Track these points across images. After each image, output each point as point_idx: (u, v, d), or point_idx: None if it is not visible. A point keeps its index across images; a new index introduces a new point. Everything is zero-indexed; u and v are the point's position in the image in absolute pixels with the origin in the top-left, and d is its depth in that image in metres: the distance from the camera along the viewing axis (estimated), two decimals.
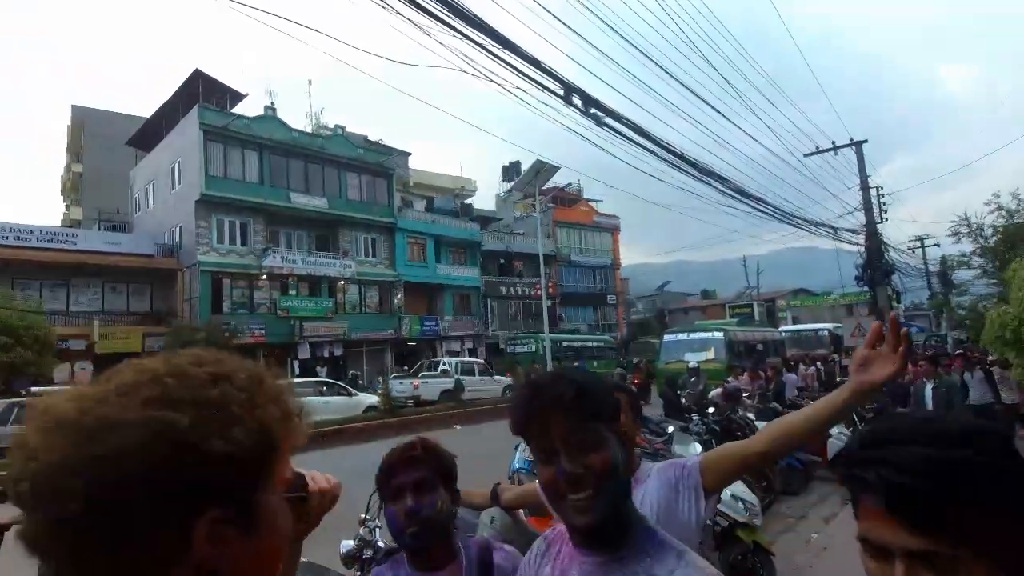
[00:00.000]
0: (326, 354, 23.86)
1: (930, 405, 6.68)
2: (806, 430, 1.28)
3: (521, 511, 5.02)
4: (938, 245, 32.76)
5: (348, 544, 2.12)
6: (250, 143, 22.94)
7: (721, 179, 9.86)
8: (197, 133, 21.44)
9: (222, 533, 0.49)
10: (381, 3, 4.96)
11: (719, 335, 17.36)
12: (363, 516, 2.32)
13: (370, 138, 31.47)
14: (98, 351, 19.24)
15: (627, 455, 0.95)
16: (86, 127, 33.65)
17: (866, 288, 21.30)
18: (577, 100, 5.84)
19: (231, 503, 0.50)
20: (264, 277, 22.86)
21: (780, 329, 25.73)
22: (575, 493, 0.88)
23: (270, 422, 0.53)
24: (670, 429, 6.91)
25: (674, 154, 7.81)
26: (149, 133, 25.47)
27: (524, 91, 5.56)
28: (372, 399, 15.65)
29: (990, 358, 9.87)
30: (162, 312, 21.69)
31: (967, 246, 20.68)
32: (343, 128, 28.46)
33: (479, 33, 5.27)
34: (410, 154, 34.05)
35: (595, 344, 29.63)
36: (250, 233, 22.90)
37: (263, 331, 22.02)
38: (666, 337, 19.26)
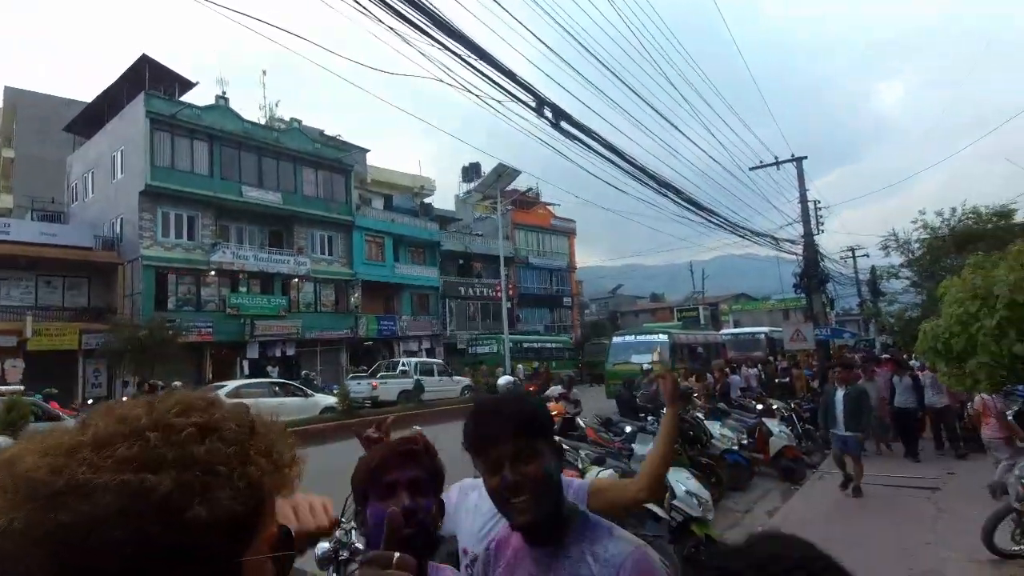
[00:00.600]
0: (278, 353, 23.21)
1: (840, 409, 7.18)
2: (663, 461, 1.69)
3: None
4: (867, 255, 35.31)
5: (324, 547, 2.15)
6: (200, 133, 22.03)
7: (677, 191, 10.35)
8: (143, 121, 20.42)
9: None
10: (362, 11, 5.01)
11: (664, 338, 18.08)
12: (338, 518, 2.34)
13: (327, 133, 30.81)
14: (30, 348, 18.07)
15: (559, 464, 1.14)
16: (18, 110, 31.34)
17: (803, 295, 22.74)
18: (548, 113, 6.07)
19: (213, 567, 0.46)
20: (213, 273, 22.02)
21: (721, 332, 26.91)
22: (516, 497, 1.06)
23: (260, 478, 0.49)
24: (628, 429, 7.24)
25: (636, 167, 8.18)
26: (89, 119, 24.00)
27: (499, 102, 5.73)
28: (329, 400, 15.37)
29: (915, 363, 10.79)
30: (101, 308, 20.52)
31: (896, 259, 22.29)
32: (299, 121, 27.74)
33: (459, 44, 5.39)
34: (368, 150, 33.52)
35: (553, 345, 30.16)
36: (198, 227, 21.99)
37: (210, 329, 21.22)
38: (615, 339, 19.86)
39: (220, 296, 22.26)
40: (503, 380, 8.33)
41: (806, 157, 20.94)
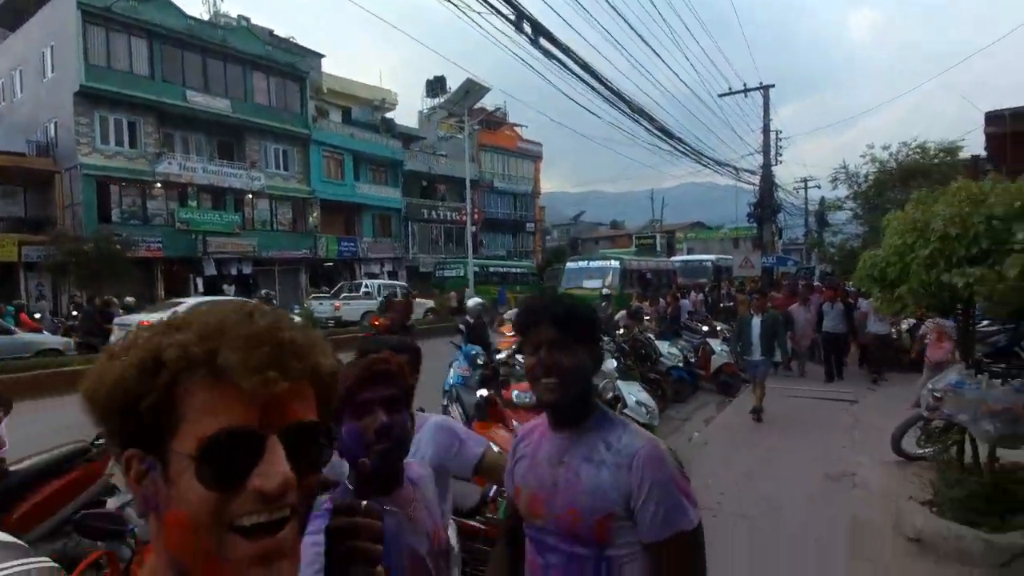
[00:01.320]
0: (234, 272, 22.66)
1: (756, 335, 7.48)
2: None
3: (457, 414, 5.47)
4: (819, 187, 36.65)
5: None
6: (137, 29, 20.02)
7: (650, 119, 10.31)
8: (74, 13, 18.33)
9: (142, 473, 0.52)
10: None
11: (616, 264, 18.29)
12: None
13: (277, 34, 28.46)
14: None
15: (593, 365, 1.25)
16: None
17: (754, 224, 23.64)
18: (528, 28, 5.84)
19: (148, 447, 0.52)
20: (159, 185, 20.84)
21: (672, 259, 27.71)
22: (547, 377, 1.20)
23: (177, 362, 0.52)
24: None
25: (612, 91, 8.07)
26: (15, 8, 21.32)
27: (479, 14, 5.46)
28: (292, 319, 15.28)
29: (849, 288, 11.59)
30: (40, 219, 19.29)
31: (844, 191, 23.14)
32: (247, 20, 25.46)
33: None
34: (323, 56, 31.21)
35: (519, 271, 30.52)
36: (140, 134, 20.50)
37: (160, 244, 20.39)
38: (568, 265, 20.04)
39: (168, 210, 21.22)
40: (472, 301, 8.53)
41: (773, 86, 21.13)
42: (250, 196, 23.59)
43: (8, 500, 2.86)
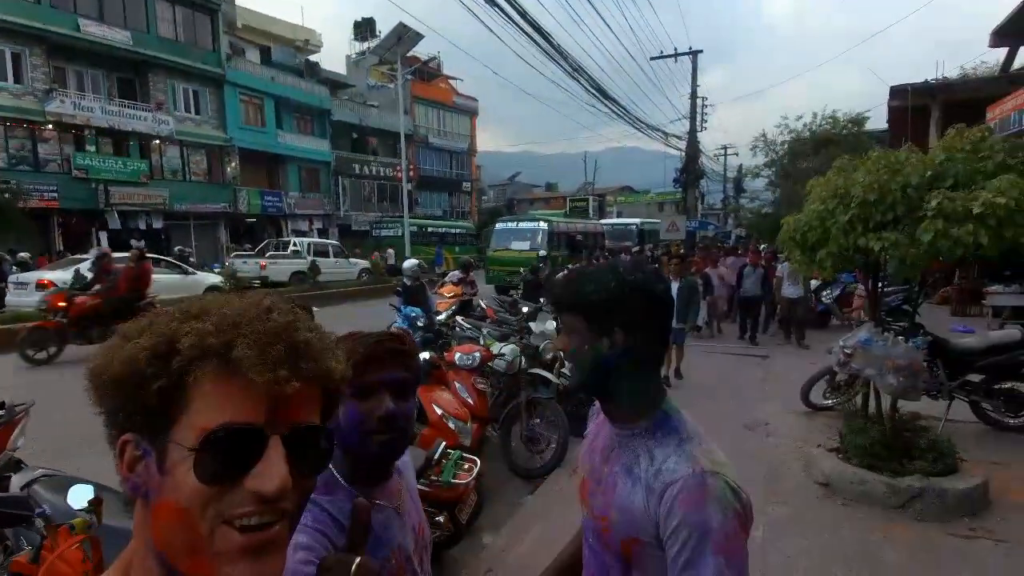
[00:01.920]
0: (142, 226, 20.82)
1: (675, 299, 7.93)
2: None
3: None
4: (738, 154, 38.55)
5: None
6: None
7: (589, 77, 10.20)
8: None
9: (136, 459, 0.52)
10: None
11: (544, 226, 18.08)
12: None
13: None
14: None
15: (603, 347, 1.03)
16: None
17: (679, 188, 24.62)
18: None
19: (145, 433, 0.52)
20: (51, 126, 18.57)
21: (601, 222, 28.32)
22: (568, 363, 1.14)
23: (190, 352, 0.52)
24: (526, 309, 7.70)
25: (552, 45, 7.86)
26: None
27: None
28: (214, 279, 14.30)
29: (763, 249, 12.35)
30: None
31: (762, 159, 24.43)
32: None
33: None
34: None
35: (457, 231, 30.05)
36: (25, 67, 18.04)
37: (55, 194, 18.35)
38: (497, 226, 19.76)
39: (63, 155, 19.03)
40: (409, 263, 8.29)
41: (701, 51, 21.74)
42: (158, 142, 21.54)
43: None
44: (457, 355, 4.96)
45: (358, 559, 0.67)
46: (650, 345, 1.06)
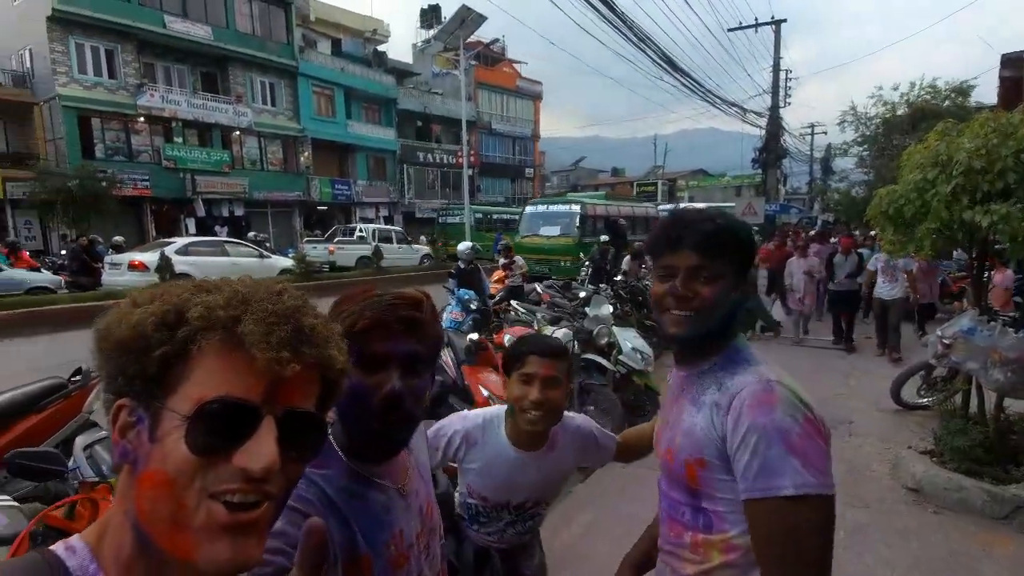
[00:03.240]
0: (225, 213, 22.16)
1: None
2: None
3: (450, 359, 5.35)
4: (826, 133, 35.61)
5: None
6: None
7: (657, 49, 9.68)
8: None
9: (128, 425, 0.52)
10: None
11: (575, 208, 15.61)
12: None
13: None
14: None
15: (738, 296, 1.06)
16: None
17: (758, 170, 23.02)
18: None
19: (141, 399, 0.51)
20: (142, 119, 20.02)
21: (660, 207, 26.31)
22: (678, 309, 1.04)
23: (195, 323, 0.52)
24: (582, 294, 7.47)
25: (616, 13, 7.46)
26: None
27: None
28: (286, 262, 15.03)
29: (855, 233, 11.09)
30: (22, 154, 18.61)
31: (851, 134, 22.46)
32: None
33: None
34: None
35: None
36: (119, 63, 19.48)
37: (148, 183, 19.80)
38: (526, 209, 17.31)
39: (154, 146, 20.48)
40: (463, 246, 8.26)
41: (785, 20, 20.19)
42: (238, 133, 22.76)
43: None
44: (507, 337, 4.87)
45: None
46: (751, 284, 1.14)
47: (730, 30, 20.21)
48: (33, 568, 0.49)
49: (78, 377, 3.25)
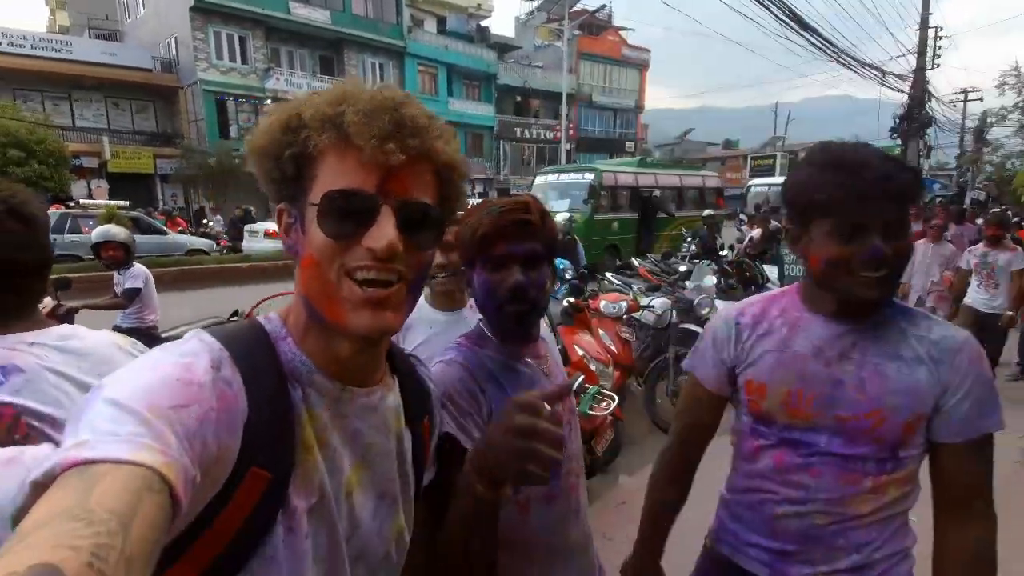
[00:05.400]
0: None
1: None
2: None
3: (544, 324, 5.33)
4: (981, 100, 30.10)
5: None
6: None
7: (782, 3, 8.75)
8: None
9: (289, 225, 0.64)
10: None
11: (588, 177, 13.08)
12: None
13: None
14: (111, 170, 19.14)
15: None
16: None
17: (897, 141, 20.18)
18: None
19: (292, 201, 0.63)
20: (269, 101, 21.72)
21: (751, 184, 21.97)
22: (873, 271, 0.95)
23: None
24: (682, 268, 7.10)
25: None
26: None
27: None
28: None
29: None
30: (169, 134, 21.11)
31: (1012, 99, 19.09)
32: None
33: None
34: None
35: None
36: (249, 49, 21.28)
37: None
38: (537, 179, 14.82)
39: None
40: (560, 217, 8.16)
41: None
42: None
43: None
44: (603, 303, 4.80)
45: (548, 407, 0.69)
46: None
47: None
48: (251, 328, 0.63)
49: (236, 317, 3.88)
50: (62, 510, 0.38)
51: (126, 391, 0.47)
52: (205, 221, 17.08)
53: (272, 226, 10.86)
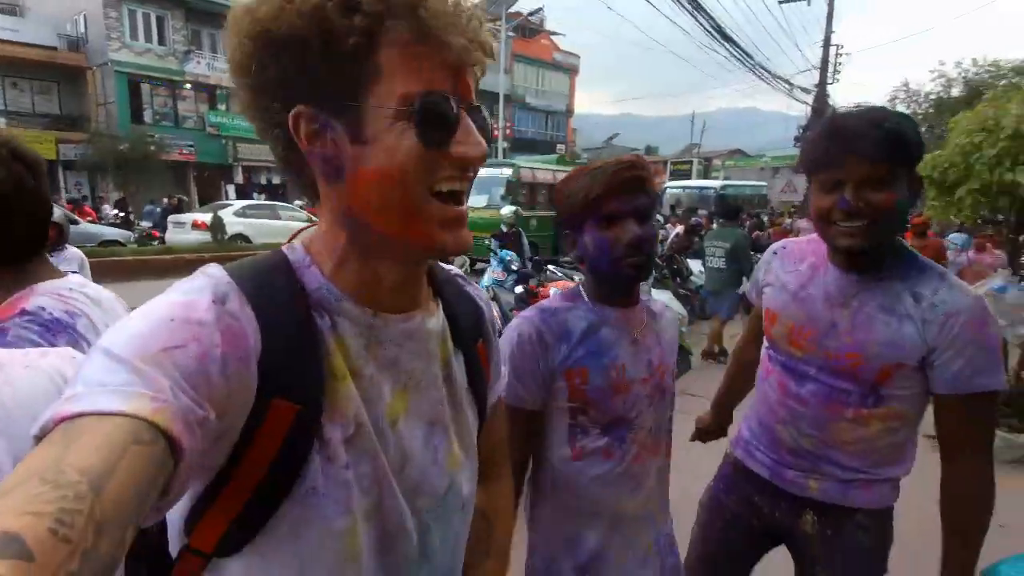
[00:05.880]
0: (263, 180, 22.75)
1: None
2: None
3: (496, 313, 5.67)
4: None
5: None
6: None
7: (707, 14, 9.60)
8: None
9: (315, 132, 0.52)
10: None
11: (506, 173, 12.87)
12: None
13: None
14: None
15: (914, 197, 1.09)
16: None
17: (800, 149, 22.25)
18: None
19: (324, 102, 0.51)
20: (188, 86, 20.60)
21: (669, 184, 24.04)
22: (847, 222, 1.05)
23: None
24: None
25: None
26: None
27: None
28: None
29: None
30: (75, 117, 19.43)
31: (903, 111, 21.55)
32: None
33: None
34: None
35: None
36: (168, 30, 20.00)
37: (192, 148, 20.44)
38: None
39: (199, 113, 21.08)
40: (506, 210, 8.52)
41: None
42: None
43: None
44: (552, 290, 5.14)
45: None
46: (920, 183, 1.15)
47: (782, 2, 19.63)
48: (270, 257, 0.58)
49: None
50: (33, 471, 0.35)
51: (120, 339, 0.44)
52: (129, 211, 15.95)
53: (201, 217, 10.56)
